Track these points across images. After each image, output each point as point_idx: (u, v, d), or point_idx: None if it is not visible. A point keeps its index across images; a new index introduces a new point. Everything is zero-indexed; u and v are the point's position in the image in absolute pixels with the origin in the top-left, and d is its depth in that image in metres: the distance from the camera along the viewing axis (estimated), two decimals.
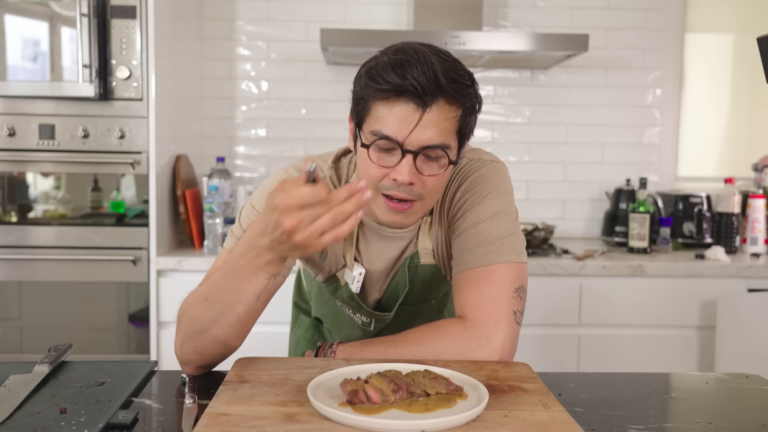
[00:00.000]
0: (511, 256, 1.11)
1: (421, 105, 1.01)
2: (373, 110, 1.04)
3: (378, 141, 1.04)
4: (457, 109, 1.04)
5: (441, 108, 1.02)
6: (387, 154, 1.05)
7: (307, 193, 0.83)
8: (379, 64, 1.03)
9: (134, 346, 2.40)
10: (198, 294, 1.05)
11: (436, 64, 1.01)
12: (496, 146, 2.95)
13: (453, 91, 1.02)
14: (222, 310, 1.00)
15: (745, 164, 3.06)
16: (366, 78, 1.04)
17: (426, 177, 1.05)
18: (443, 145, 1.04)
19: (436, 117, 1.02)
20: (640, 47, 2.96)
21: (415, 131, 1.01)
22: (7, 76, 2.27)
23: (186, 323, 1.05)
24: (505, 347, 1.06)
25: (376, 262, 1.23)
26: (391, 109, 1.02)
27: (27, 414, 0.87)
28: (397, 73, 1.00)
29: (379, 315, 1.26)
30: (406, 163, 1.03)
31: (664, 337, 2.41)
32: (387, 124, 1.02)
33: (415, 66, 1.00)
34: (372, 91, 1.03)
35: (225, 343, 1.03)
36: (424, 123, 1.01)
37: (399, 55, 1.02)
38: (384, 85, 1.01)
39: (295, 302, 1.53)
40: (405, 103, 1.01)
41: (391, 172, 1.04)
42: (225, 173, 2.57)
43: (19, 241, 2.32)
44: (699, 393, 1.04)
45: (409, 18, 2.84)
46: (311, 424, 0.78)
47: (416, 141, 1.02)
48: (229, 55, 2.91)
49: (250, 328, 1.06)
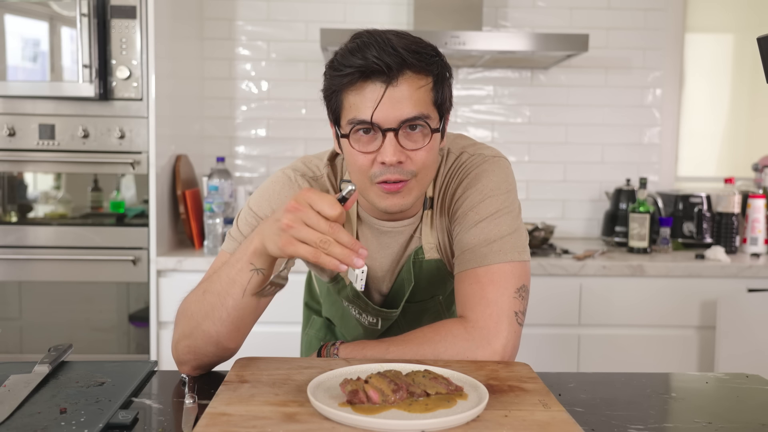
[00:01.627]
0: (513, 255, 1.11)
1: (388, 81, 1.01)
2: (344, 101, 1.04)
3: (355, 126, 1.04)
4: (426, 78, 1.04)
5: (409, 80, 1.02)
6: (368, 139, 1.04)
7: (328, 201, 0.87)
8: (338, 53, 1.04)
9: (134, 346, 2.40)
10: (198, 288, 1.07)
11: (394, 39, 1.01)
12: (496, 146, 2.93)
13: (417, 61, 1.02)
14: (214, 302, 1.01)
15: (745, 164, 3.06)
16: (330, 71, 1.05)
17: (412, 152, 1.04)
18: (421, 116, 1.03)
19: (407, 90, 1.02)
20: (640, 47, 2.96)
21: (389, 109, 1.01)
22: (7, 76, 2.27)
23: (182, 320, 1.06)
24: (507, 348, 1.06)
25: (378, 258, 1.22)
26: (360, 94, 1.02)
27: (27, 414, 0.87)
28: (357, 56, 1.00)
29: (386, 312, 1.25)
30: (389, 143, 1.02)
31: (664, 337, 2.41)
32: (360, 108, 1.02)
33: (373, 46, 1.00)
34: (338, 80, 1.03)
35: (217, 342, 1.03)
36: (396, 98, 1.01)
37: (356, 40, 1.03)
38: (347, 71, 1.01)
39: (306, 303, 1.54)
40: (372, 84, 1.01)
41: (377, 156, 1.04)
42: (225, 173, 2.57)
43: (19, 241, 2.32)
44: (699, 393, 1.04)
45: (409, 18, 2.84)
46: (311, 424, 0.78)
47: (393, 118, 1.02)
48: (229, 55, 2.91)
49: (244, 331, 1.05)
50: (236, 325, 1.02)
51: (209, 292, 1.02)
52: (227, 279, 1.00)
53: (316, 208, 0.88)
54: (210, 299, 1.02)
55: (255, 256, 0.97)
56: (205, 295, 1.03)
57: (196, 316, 1.03)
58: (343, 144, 1.08)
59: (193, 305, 1.05)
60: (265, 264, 0.98)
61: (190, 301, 1.06)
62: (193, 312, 1.04)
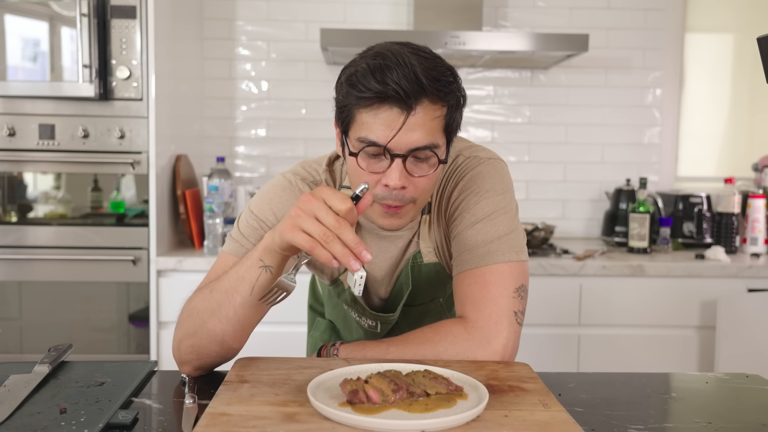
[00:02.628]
0: (511, 255, 1.11)
1: (405, 108, 1.00)
2: (357, 117, 1.03)
3: (366, 148, 1.03)
4: (441, 108, 1.03)
5: (425, 108, 1.01)
6: (375, 160, 1.04)
7: (340, 197, 0.90)
8: (359, 71, 1.01)
9: (134, 346, 2.40)
10: (204, 288, 1.07)
11: (416, 65, 0.99)
12: (496, 146, 2.95)
13: (436, 90, 1.01)
14: (221, 299, 1.02)
15: (745, 164, 3.06)
16: (347, 86, 1.03)
17: (417, 178, 1.05)
18: (431, 146, 1.03)
19: (421, 118, 1.01)
20: (640, 47, 2.96)
21: (401, 135, 1.00)
22: (7, 76, 2.27)
23: (186, 319, 1.06)
24: (507, 348, 1.06)
25: (377, 262, 1.23)
26: (375, 116, 1.01)
27: (27, 414, 0.87)
28: (377, 79, 0.99)
29: (384, 317, 1.26)
30: (395, 168, 1.02)
31: (664, 337, 2.41)
32: (373, 130, 1.01)
33: (395, 69, 0.98)
34: (354, 99, 1.02)
35: (222, 341, 1.03)
36: (410, 126, 1.00)
37: (378, 60, 1.00)
38: (366, 93, 1.00)
39: (310, 305, 1.54)
40: (389, 108, 1.00)
41: (381, 178, 1.04)
42: (225, 173, 2.57)
43: (19, 241, 2.32)
44: (699, 393, 1.04)
45: (409, 18, 2.84)
46: (311, 424, 0.78)
47: (404, 144, 1.01)
48: (229, 55, 2.91)
49: (249, 331, 1.06)
50: (242, 324, 1.03)
51: (217, 290, 1.03)
52: (236, 276, 1.01)
53: (328, 202, 0.89)
54: (217, 297, 1.02)
55: (265, 252, 0.98)
56: (212, 293, 1.04)
57: (201, 314, 1.03)
58: (349, 160, 1.08)
59: (199, 304, 1.05)
60: (274, 261, 0.98)
61: (195, 300, 1.06)
62: (199, 310, 1.04)
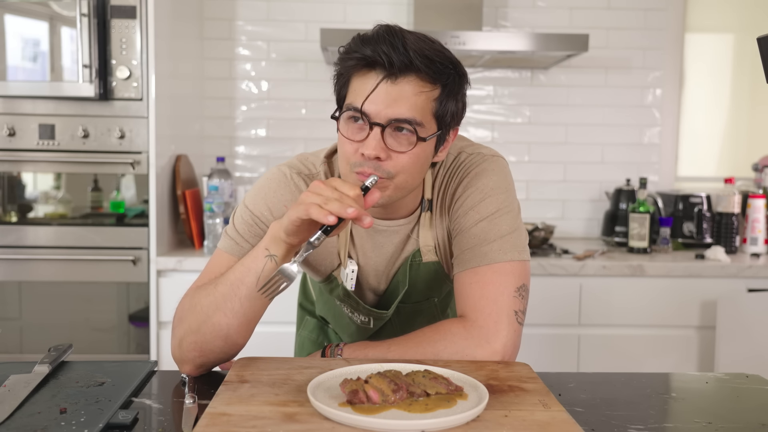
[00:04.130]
0: (513, 255, 1.11)
1: (390, 77, 1.01)
2: (350, 86, 1.06)
3: (347, 113, 1.04)
4: (432, 89, 1.03)
5: (412, 83, 1.02)
6: (357, 128, 1.04)
7: (349, 184, 0.94)
8: (355, 39, 1.05)
9: (134, 346, 2.40)
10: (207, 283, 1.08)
11: (411, 41, 1.01)
12: (496, 146, 2.95)
13: (425, 67, 1.01)
14: (227, 292, 1.02)
15: (745, 164, 3.06)
16: (343, 54, 1.06)
17: (395, 153, 1.03)
18: (412, 120, 1.02)
19: (407, 92, 1.01)
20: (640, 47, 2.96)
21: (382, 103, 1.01)
22: (7, 76, 2.27)
23: (188, 316, 1.06)
24: (507, 348, 1.06)
25: (372, 257, 1.22)
26: (362, 82, 1.03)
27: (27, 414, 0.87)
28: (367, 46, 1.02)
29: (377, 313, 1.25)
30: (372, 137, 1.02)
31: (664, 337, 2.41)
32: (357, 96, 1.03)
33: (387, 39, 1.01)
34: (346, 64, 1.05)
35: (227, 335, 1.03)
36: (393, 96, 1.01)
37: (374, 30, 1.04)
38: (354, 56, 1.03)
39: (300, 303, 1.53)
40: (375, 76, 1.02)
41: (360, 147, 1.04)
42: (225, 173, 2.57)
43: (19, 241, 2.32)
44: (699, 393, 1.04)
45: (409, 18, 2.84)
46: (311, 424, 0.78)
47: (383, 114, 1.01)
48: (229, 55, 2.91)
49: (253, 325, 1.06)
50: (247, 317, 1.03)
51: (222, 283, 1.04)
52: (242, 268, 1.02)
53: (338, 189, 0.93)
54: (222, 290, 1.03)
55: (271, 241, 1.00)
56: (217, 287, 1.04)
57: (206, 309, 1.03)
58: (338, 135, 1.09)
59: (203, 299, 1.05)
60: (279, 251, 1.00)
61: (198, 297, 1.06)
62: (203, 305, 1.04)
